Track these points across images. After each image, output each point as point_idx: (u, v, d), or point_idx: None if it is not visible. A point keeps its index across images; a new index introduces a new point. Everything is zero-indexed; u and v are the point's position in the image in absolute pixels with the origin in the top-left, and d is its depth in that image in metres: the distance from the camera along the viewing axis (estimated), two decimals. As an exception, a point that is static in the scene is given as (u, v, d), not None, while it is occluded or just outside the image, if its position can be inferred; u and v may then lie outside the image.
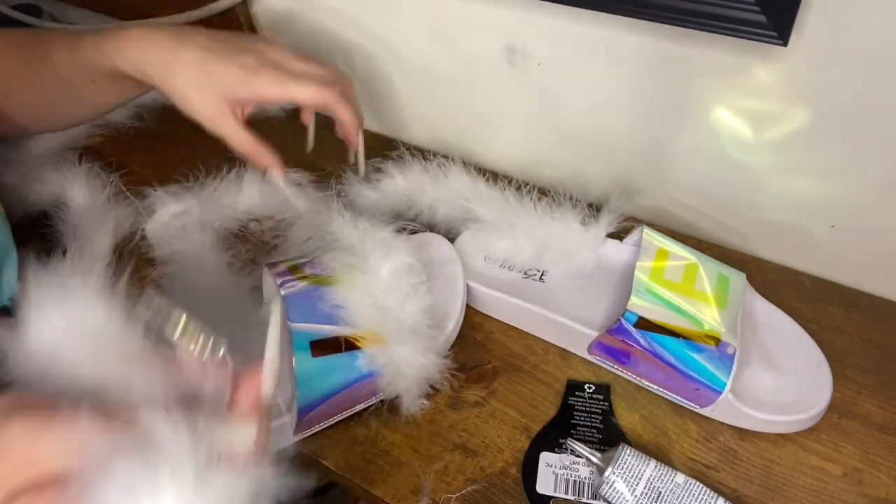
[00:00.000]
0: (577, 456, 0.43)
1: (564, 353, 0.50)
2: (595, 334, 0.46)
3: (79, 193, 0.59)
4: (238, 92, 0.49)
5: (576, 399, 0.47)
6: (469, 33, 0.58)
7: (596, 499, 0.41)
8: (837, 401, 0.46)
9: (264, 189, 0.60)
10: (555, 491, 0.42)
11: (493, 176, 0.61)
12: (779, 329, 0.48)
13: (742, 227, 0.57)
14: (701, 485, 0.40)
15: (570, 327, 0.48)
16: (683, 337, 0.43)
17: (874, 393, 0.46)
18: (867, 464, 0.43)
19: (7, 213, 0.61)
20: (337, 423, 0.46)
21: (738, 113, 0.50)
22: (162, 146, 0.69)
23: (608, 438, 0.45)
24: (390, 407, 0.47)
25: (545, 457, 0.44)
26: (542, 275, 0.54)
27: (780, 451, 0.44)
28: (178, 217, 0.58)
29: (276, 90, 0.49)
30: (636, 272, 0.45)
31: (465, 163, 0.59)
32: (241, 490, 0.28)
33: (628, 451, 0.40)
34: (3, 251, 0.50)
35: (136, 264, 0.55)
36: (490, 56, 0.58)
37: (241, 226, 0.60)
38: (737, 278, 0.47)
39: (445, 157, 0.60)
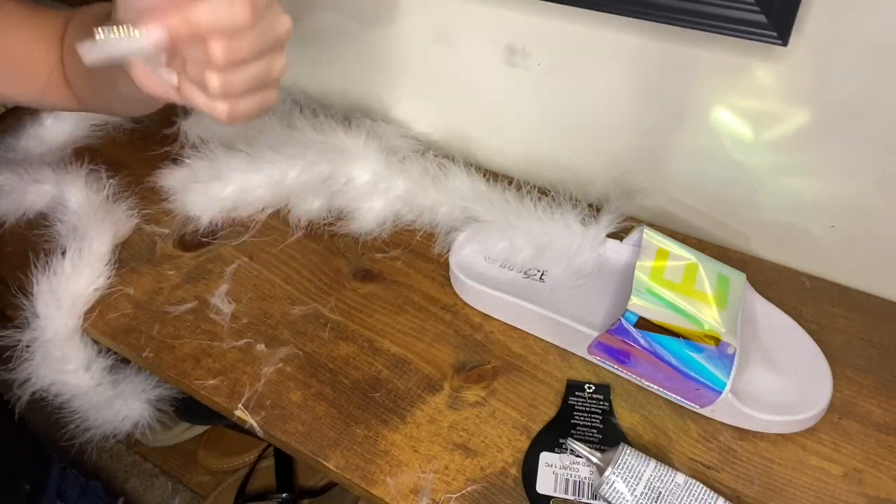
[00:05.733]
0: (577, 456, 0.43)
1: (564, 353, 0.50)
2: (595, 334, 0.46)
3: (77, 193, 0.59)
4: None
5: (576, 399, 0.47)
6: (469, 33, 0.58)
7: (596, 499, 0.41)
8: (837, 401, 0.46)
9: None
10: (555, 491, 0.42)
11: (493, 176, 0.61)
12: (779, 329, 0.48)
13: (742, 227, 0.57)
14: (701, 485, 0.40)
15: (570, 327, 0.48)
16: (683, 337, 0.43)
17: (874, 393, 0.46)
18: (867, 464, 0.43)
19: (5, 214, 0.61)
20: (336, 423, 0.46)
21: (738, 113, 0.50)
22: (161, 146, 0.69)
23: (608, 438, 0.45)
24: (390, 407, 0.47)
25: (545, 457, 0.44)
26: (542, 275, 0.54)
27: (780, 451, 0.44)
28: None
29: None
30: (636, 272, 0.45)
31: (465, 163, 0.59)
32: None
33: (628, 451, 0.40)
34: None
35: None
36: (490, 56, 0.58)
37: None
38: (737, 278, 0.47)
39: (445, 157, 0.60)
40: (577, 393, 0.47)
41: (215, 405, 0.49)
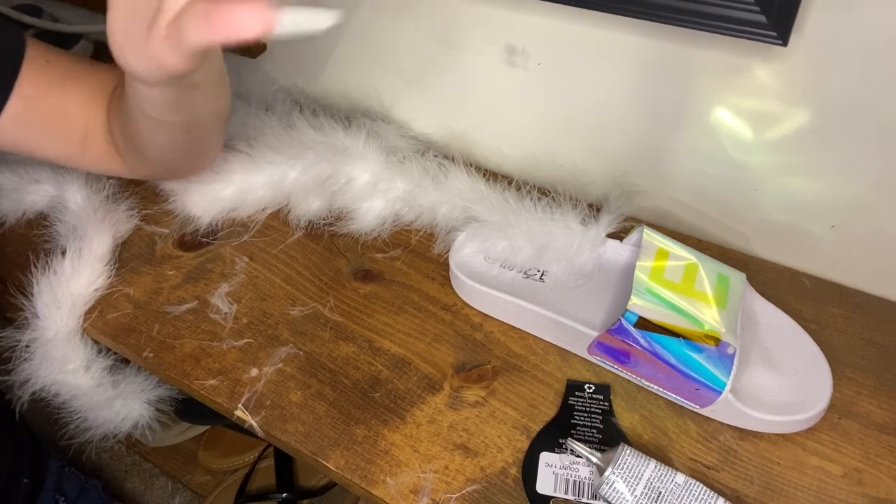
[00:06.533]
0: (577, 456, 0.43)
1: (564, 353, 0.50)
2: (595, 334, 0.46)
3: (77, 193, 0.59)
4: None
5: (576, 399, 0.47)
6: (469, 33, 0.58)
7: (596, 499, 0.41)
8: (837, 401, 0.46)
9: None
10: (555, 491, 0.42)
11: (493, 176, 0.61)
12: (779, 329, 0.48)
13: (742, 227, 0.57)
14: (701, 485, 0.40)
15: (570, 327, 0.48)
16: (683, 337, 0.43)
17: (874, 393, 0.46)
18: (867, 464, 0.43)
19: (5, 214, 0.61)
20: (336, 423, 0.46)
21: (737, 113, 0.50)
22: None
23: (608, 438, 0.45)
24: (390, 407, 0.47)
25: (545, 457, 0.44)
26: (542, 275, 0.54)
27: (780, 451, 0.44)
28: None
29: None
30: (636, 272, 0.45)
31: (465, 163, 0.59)
32: None
33: (628, 451, 0.40)
34: None
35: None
36: (490, 56, 0.58)
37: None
38: (737, 278, 0.47)
39: (445, 157, 0.60)
40: (577, 393, 0.47)
41: (215, 405, 0.49)
